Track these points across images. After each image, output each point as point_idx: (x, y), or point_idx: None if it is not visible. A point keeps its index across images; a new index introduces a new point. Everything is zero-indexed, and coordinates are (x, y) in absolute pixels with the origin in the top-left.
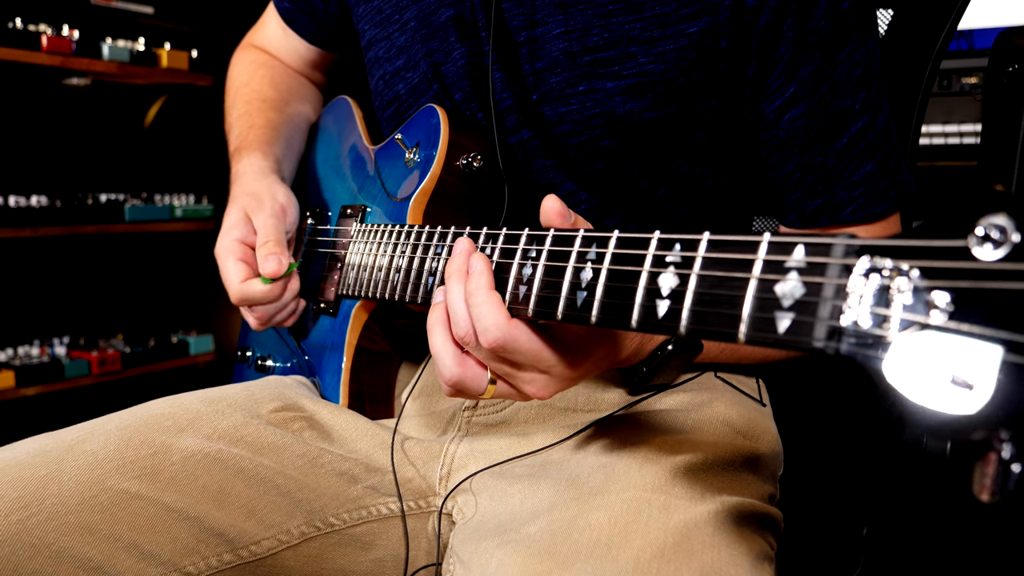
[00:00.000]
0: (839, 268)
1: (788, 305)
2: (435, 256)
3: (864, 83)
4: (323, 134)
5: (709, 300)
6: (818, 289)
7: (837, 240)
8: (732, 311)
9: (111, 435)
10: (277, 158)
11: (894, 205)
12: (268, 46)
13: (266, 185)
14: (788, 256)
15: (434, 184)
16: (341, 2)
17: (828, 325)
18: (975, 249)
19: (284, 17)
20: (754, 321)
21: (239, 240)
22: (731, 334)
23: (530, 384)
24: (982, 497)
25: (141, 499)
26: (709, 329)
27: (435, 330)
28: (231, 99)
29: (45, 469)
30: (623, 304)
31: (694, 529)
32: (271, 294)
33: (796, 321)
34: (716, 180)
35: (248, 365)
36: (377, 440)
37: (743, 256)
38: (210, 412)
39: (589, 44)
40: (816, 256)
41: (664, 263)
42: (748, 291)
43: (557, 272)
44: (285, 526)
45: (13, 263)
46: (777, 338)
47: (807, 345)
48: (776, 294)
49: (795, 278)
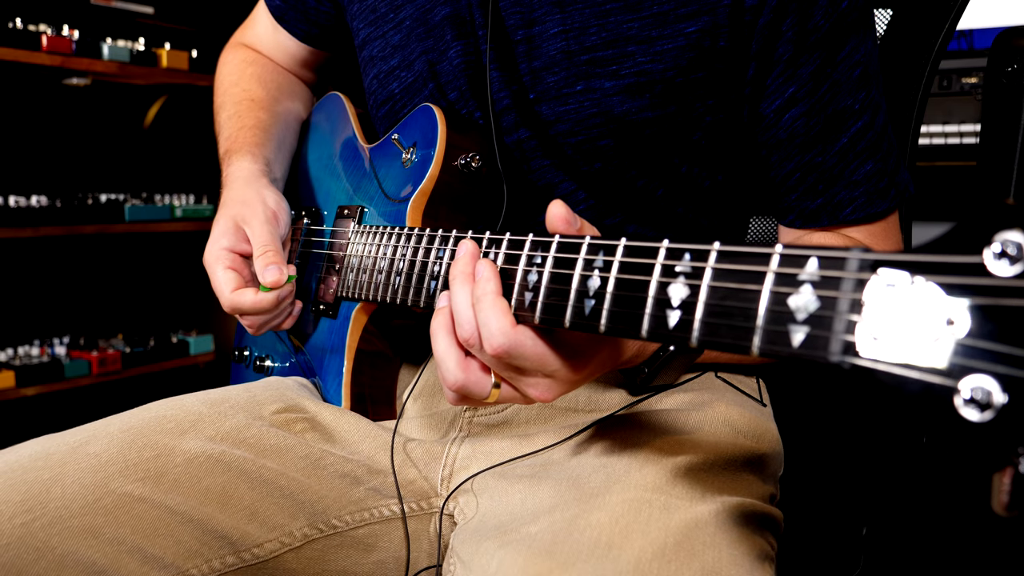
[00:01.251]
0: (853, 282)
1: (802, 319)
2: (437, 260)
3: (864, 82)
4: (315, 131)
5: (721, 311)
6: (833, 303)
7: (851, 254)
8: (745, 323)
9: (114, 437)
10: (267, 160)
11: (894, 204)
12: (257, 44)
13: (255, 191)
14: (801, 269)
15: (432, 185)
16: (335, 1)
17: (843, 339)
18: (991, 265)
19: (275, 14)
20: (768, 334)
21: (228, 248)
22: (744, 346)
23: (534, 388)
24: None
25: (145, 502)
26: (722, 340)
27: (438, 335)
28: (220, 99)
29: (48, 472)
30: (633, 313)
31: (695, 529)
32: (262, 304)
33: (811, 335)
34: (714, 180)
35: (246, 365)
36: (379, 442)
37: (755, 268)
38: (212, 414)
39: (587, 43)
40: (830, 270)
41: (674, 273)
42: (761, 303)
43: (564, 279)
44: (288, 528)
45: (13, 263)
46: (792, 352)
47: (823, 359)
48: (790, 307)
49: (809, 291)
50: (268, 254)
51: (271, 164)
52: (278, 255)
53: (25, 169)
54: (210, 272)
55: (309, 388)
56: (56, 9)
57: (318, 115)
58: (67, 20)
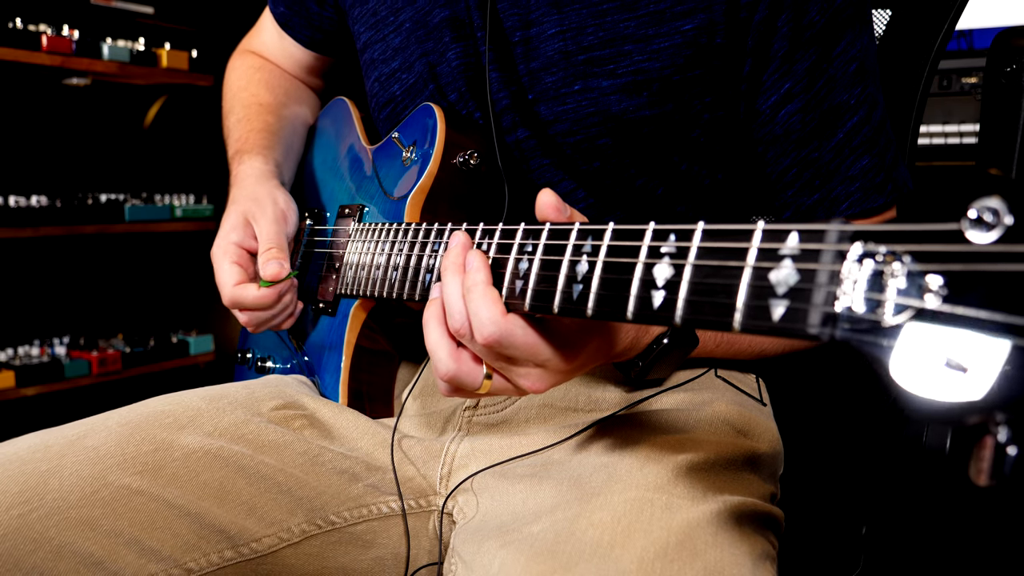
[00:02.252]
0: (833, 254)
1: (782, 292)
2: (432, 253)
3: (859, 78)
4: (321, 135)
5: (704, 289)
6: (812, 276)
7: (830, 226)
8: (727, 300)
9: (112, 431)
10: (277, 162)
11: (891, 199)
12: (264, 51)
13: (267, 190)
14: (782, 243)
15: (431, 182)
16: (336, 6)
17: (823, 311)
18: (968, 232)
19: (280, 22)
20: (749, 309)
21: (236, 243)
22: (726, 323)
23: (525, 378)
24: (979, 481)
25: (142, 495)
26: (704, 318)
27: (430, 325)
28: (229, 104)
29: (46, 464)
30: (619, 296)
31: (697, 528)
32: (264, 300)
33: (791, 308)
34: (713, 178)
35: (248, 367)
36: (378, 439)
37: (737, 245)
38: (211, 410)
39: (584, 43)
40: (810, 243)
41: (659, 254)
42: (743, 279)
43: (553, 266)
44: (286, 524)
45: (13, 263)
46: (772, 325)
47: (802, 332)
48: (770, 281)
49: (789, 265)
50: (272, 250)
51: (280, 166)
52: (282, 252)
53: (25, 169)
54: (216, 265)
55: (308, 385)
56: (56, 9)
57: (324, 120)
58: (67, 20)
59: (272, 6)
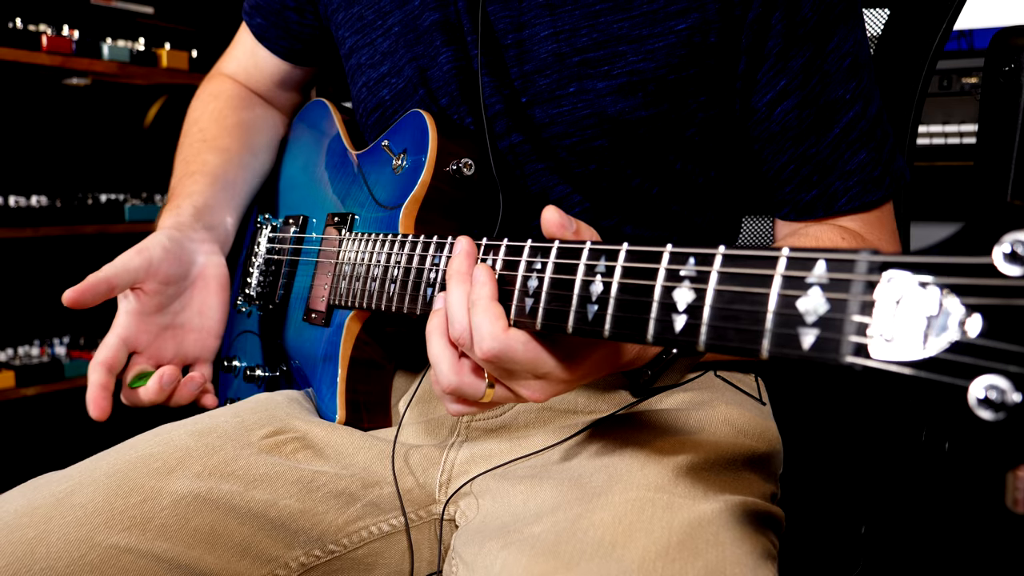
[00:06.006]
0: (863, 284)
1: (812, 321)
2: (433, 266)
3: (854, 72)
4: (300, 139)
5: (728, 315)
6: (843, 306)
7: (860, 256)
8: (753, 327)
9: (100, 484)
10: (199, 209)
11: (889, 193)
12: (235, 69)
13: (171, 249)
14: (809, 272)
15: (425, 191)
16: (316, 13)
17: (854, 341)
18: (1000, 265)
19: (256, 33)
20: (777, 337)
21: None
22: (753, 350)
23: (525, 388)
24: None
25: (131, 552)
26: (729, 344)
27: (433, 337)
28: (181, 138)
29: (33, 531)
30: (638, 318)
31: (698, 528)
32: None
33: (821, 337)
34: (707, 177)
35: (235, 375)
36: (374, 451)
37: (762, 271)
38: (200, 448)
39: (578, 45)
40: (839, 272)
41: (679, 277)
42: (769, 306)
43: (565, 285)
44: (283, 559)
45: (13, 263)
46: (802, 355)
47: (833, 361)
48: (799, 310)
49: (818, 294)
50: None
51: (206, 211)
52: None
53: (25, 169)
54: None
55: (299, 402)
56: (56, 9)
57: (302, 122)
58: (67, 20)
59: (248, 19)
